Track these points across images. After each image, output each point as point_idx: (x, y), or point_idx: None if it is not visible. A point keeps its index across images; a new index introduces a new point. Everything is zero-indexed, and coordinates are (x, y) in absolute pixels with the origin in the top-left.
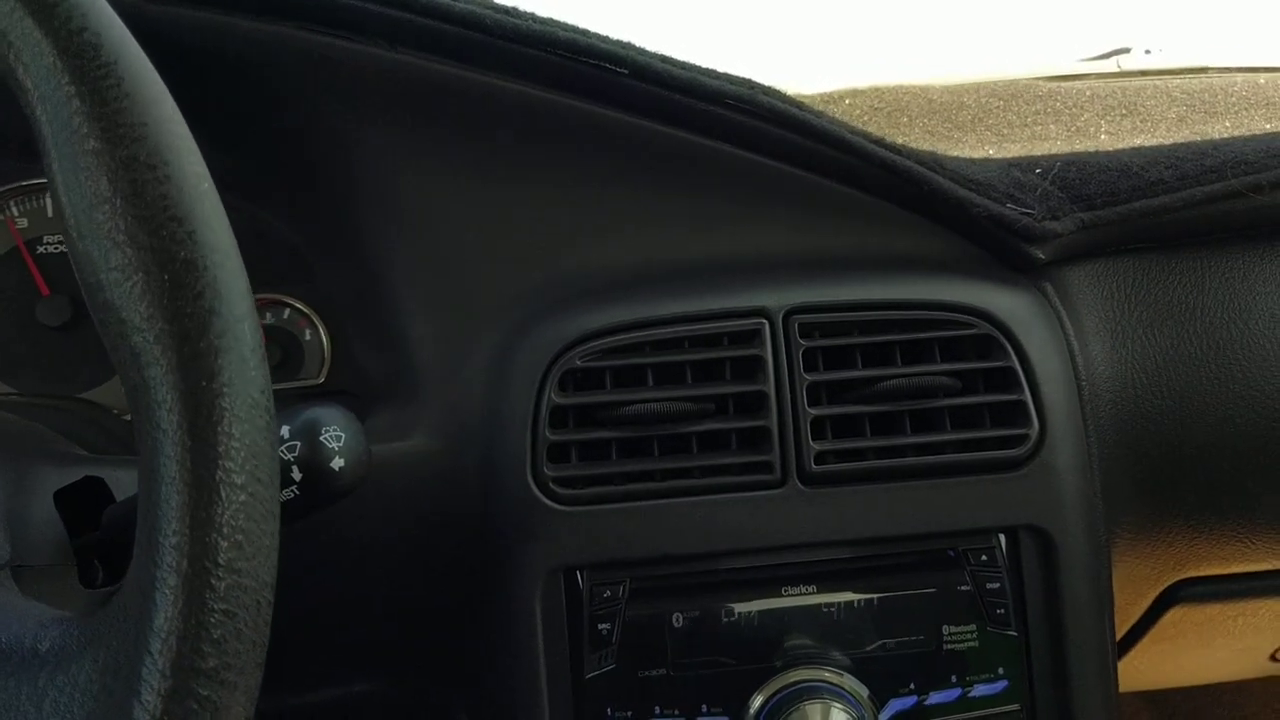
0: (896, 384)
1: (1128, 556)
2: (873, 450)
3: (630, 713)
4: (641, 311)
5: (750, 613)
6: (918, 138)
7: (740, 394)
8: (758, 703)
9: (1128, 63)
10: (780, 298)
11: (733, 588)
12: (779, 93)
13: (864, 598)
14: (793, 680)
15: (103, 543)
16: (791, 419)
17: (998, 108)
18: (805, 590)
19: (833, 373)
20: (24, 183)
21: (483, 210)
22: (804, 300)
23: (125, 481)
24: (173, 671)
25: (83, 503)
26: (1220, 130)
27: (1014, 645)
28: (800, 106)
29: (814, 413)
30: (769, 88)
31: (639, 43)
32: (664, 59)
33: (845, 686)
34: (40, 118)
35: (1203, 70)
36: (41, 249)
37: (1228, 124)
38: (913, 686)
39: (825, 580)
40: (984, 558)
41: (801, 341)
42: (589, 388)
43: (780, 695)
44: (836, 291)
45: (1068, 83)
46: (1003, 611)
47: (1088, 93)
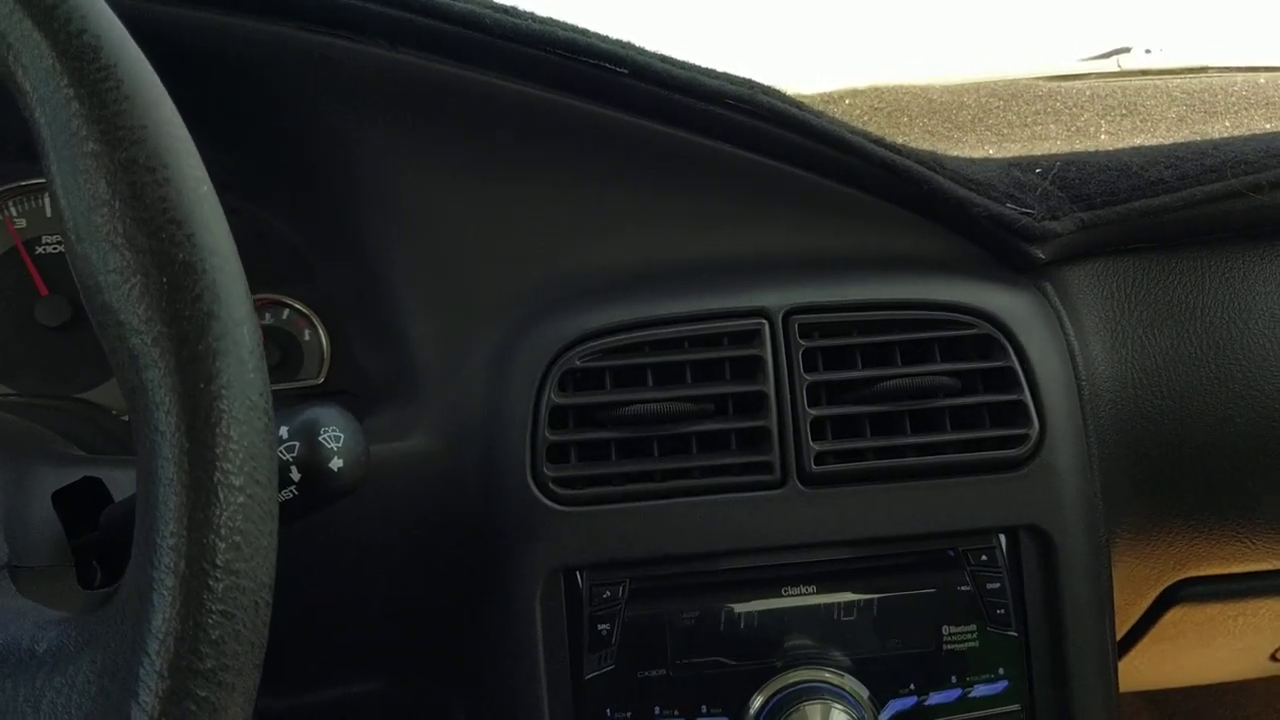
0: (896, 384)
1: (1128, 556)
2: (873, 450)
3: (630, 713)
4: (641, 311)
5: (750, 613)
6: (918, 138)
7: (740, 394)
8: (758, 703)
9: (1128, 62)
10: (780, 298)
11: (733, 588)
12: (779, 93)
13: (864, 598)
14: (793, 681)
15: (101, 543)
16: (791, 419)
17: (998, 108)
18: (805, 590)
19: (833, 373)
20: (23, 183)
21: (482, 210)
22: (804, 300)
23: (123, 482)
24: (170, 672)
25: (81, 503)
26: (1220, 130)
27: (1014, 645)
28: (800, 106)
29: (814, 413)
30: (769, 88)
31: (639, 43)
32: (664, 59)
33: (845, 687)
34: (39, 120)
35: (1203, 70)
36: (40, 249)
37: (1228, 124)
38: (913, 687)
39: (825, 580)
40: (984, 558)
41: (801, 341)
42: (589, 388)
43: (780, 696)
44: (836, 291)
45: (1068, 82)
46: (1003, 612)
47: (1088, 92)
